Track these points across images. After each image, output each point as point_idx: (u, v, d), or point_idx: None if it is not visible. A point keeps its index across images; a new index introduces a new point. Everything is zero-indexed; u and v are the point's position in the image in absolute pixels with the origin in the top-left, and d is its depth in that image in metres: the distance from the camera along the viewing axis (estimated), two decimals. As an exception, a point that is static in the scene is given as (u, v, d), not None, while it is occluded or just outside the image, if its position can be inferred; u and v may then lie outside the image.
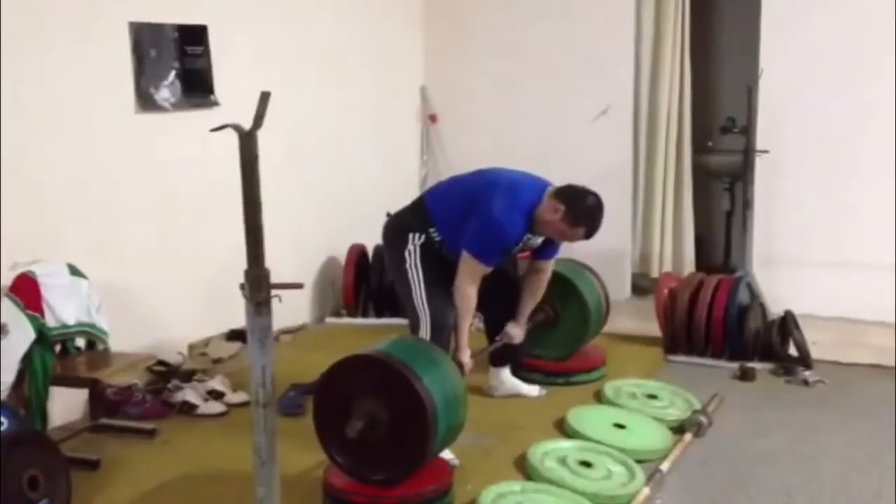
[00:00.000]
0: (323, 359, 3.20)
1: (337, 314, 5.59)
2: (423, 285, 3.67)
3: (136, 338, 4.07)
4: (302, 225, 5.29)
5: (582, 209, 3.61)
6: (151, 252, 4.35)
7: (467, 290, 3.62)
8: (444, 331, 3.65)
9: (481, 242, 3.60)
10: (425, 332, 3.64)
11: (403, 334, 3.74)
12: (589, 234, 3.66)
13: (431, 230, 3.71)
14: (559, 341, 4.41)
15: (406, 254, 3.70)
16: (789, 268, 5.48)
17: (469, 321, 3.70)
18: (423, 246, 3.70)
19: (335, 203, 5.59)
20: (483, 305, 3.78)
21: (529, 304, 4.00)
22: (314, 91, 5.39)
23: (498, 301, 3.94)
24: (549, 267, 3.97)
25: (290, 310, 5.13)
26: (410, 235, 3.72)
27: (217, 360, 4.52)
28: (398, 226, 3.85)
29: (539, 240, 3.78)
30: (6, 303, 3.34)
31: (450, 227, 3.70)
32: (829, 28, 5.34)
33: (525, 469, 3.39)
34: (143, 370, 4.13)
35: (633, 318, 5.34)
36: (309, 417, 3.16)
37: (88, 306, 3.69)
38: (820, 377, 4.48)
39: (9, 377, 3.26)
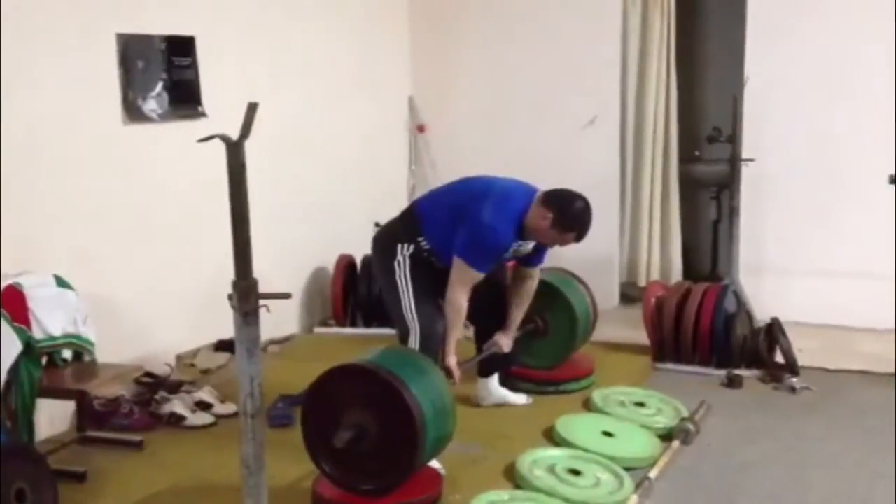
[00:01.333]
0: (311, 369, 3.20)
1: (325, 324, 5.59)
2: (412, 295, 3.67)
3: (124, 349, 4.05)
4: (290, 235, 5.29)
5: (571, 215, 3.62)
6: (139, 263, 4.34)
7: (458, 298, 3.62)
8: (433, 340, 3.65)
9: (473, 249, 3.60)
10: (415, 342, 3.63)
11: (392, 344, 3.74)
12: (579, 238, 3.68)
13: (420, 239, 3.72)
14: (548, 350, 4.42)
15: (395, 264, 3.70)
16: (776, 275, 5.51)
17: (458, 329, 3.69)
18: (412, 256, 3.70)
19: (323, 213, 5.59)
20: (472, 315, 3.78)
21: (518, 312, 4.00)
22: (302, 102, 5.39)
23: (487, 310, 3.94)
24: (536, 274, 3.98)
25: (279, 320, 5.12)
26: (399, 246, 3.72)
27: (205, 371, 4.51)
28: (387, 236, 3.85)
29: (530, 246, 3.78)
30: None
31: (439, 235, 3.70)
32: (814, 37, 5.38)
33: (514, 478, 3.38)
34: (131, 382, 4.11)
35: (621, 327, 5.35)
36: (298, 428, 3.16)
37: (75, 318, 3.67)
38: (807, 384, 4.50)
39: (-5, 389, 3.24)
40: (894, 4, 5.07)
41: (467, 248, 3.59)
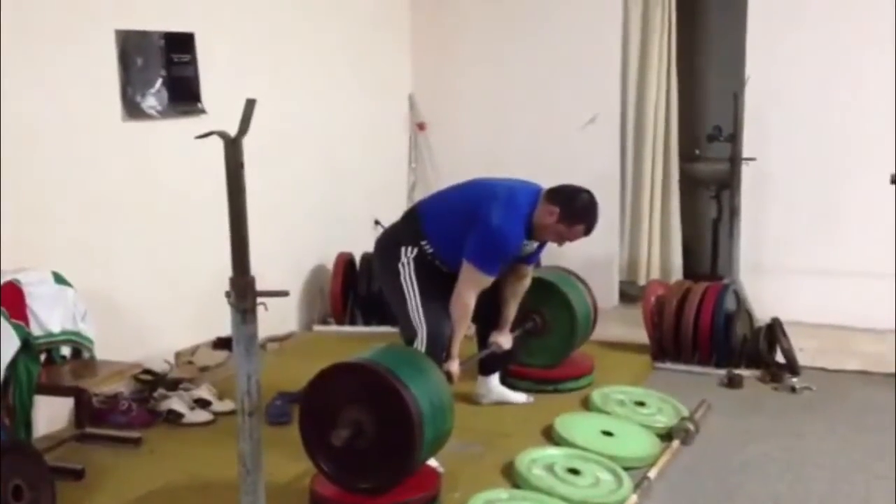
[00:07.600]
0: (310, 367, 3.19)
1: (324, 322, 5.58)
2: (418, 298, 3.64)
3: (122, 346, 4.03)
4: (290, 232, 5.28)
5: (577, 207, 3.62)
6: (138, 260, 4.34)
7: (467, 301, 3.60)
8: (440, 343, 3.62)
9: (485, 253, 3.58)
10: (422, 345, 3.60)
11: (392, 342, 3.73)
12: (588, 231, 3.68)
13: (423, 242, 3.69)
14: (547, 349, 4.41)
15: (399, 266, 3.68)
16: (776, 275, 5.50)
17: (463, 332, 3.68)
18: (415, 259, 3.68)
19: (323, 211, 5.58)
20: (476, 313, 3.76)
21: (512, 309, 4.00)
22: (302, 99, 5.38)
23: (490, 309, 3.92)
24: (530, 271, 3.97)
25: (278, 317, 5.11)
26: (402, 249, 3.70)
27: (204, 369, 4.50)
28: (390, 239, 3.84)
29: (534, 245, 3.78)
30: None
31: (444, 239, 3.68)
32: (815, 36, 5.37)
33: (512, 477, 3.38)
34: (129, 379, 4.10)
35: (621, 326, 5.34)
36: (296, 426, 3.15)
37: (74, 314, 3.67)
38: (807, 384, 4.49)
39: (-7, 386, 3.24)
40: (895, 4, 5.06)
41: (479, 253, 3.57)
